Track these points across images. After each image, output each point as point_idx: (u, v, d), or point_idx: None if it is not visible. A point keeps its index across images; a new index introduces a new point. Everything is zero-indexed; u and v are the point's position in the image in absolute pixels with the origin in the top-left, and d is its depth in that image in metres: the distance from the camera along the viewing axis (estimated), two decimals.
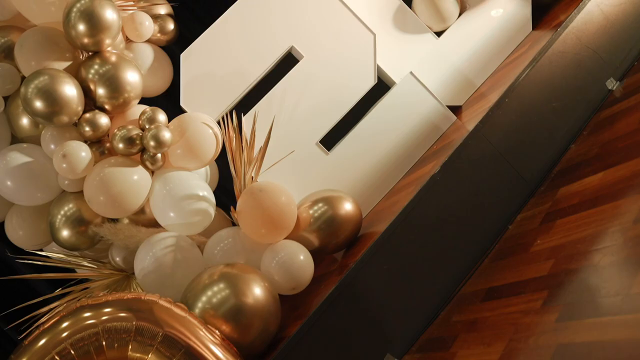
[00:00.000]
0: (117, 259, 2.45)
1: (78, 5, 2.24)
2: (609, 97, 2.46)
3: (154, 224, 2.39)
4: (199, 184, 2.36)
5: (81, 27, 2.24)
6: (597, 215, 1.80)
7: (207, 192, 2.36)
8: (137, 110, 2.44)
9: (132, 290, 2.39)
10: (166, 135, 2.29)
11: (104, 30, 2.28)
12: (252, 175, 2.44)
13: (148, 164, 2.32)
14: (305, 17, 2.63)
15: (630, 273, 1.49)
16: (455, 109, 2.85)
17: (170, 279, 2.23)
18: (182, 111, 2.58)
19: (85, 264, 2.45)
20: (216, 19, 2.63)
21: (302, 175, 2.59)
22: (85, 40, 2.27)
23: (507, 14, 2.91)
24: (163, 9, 2.71)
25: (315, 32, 2.64)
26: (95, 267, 2.45)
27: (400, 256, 2.14)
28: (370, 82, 2.66)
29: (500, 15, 2.91)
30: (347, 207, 2.37)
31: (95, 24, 2.25)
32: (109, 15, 2.28)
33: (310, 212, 2.35)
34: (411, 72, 2.69)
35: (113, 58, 2.35)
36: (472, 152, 2.27)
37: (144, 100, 2.69)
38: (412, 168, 2.62)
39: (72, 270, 2.47)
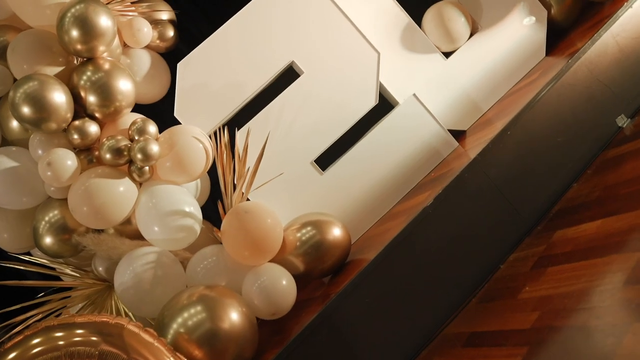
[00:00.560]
0: (100, 268, 2.41)
1: (72, 10, 2.19)
2: (619, 134, 2.35)
3: (140, 236, 2.34)
4: (186, 199, 2.31)
5: (74, 33, 2.19)
6: (588, 269, 1.70)
7: (194, 208, 2.31)
8: (129, 118, 2.39)
9: (112, 302, 2.35)
10: (154, 148, 2.24)
11: (97, 37, 2.23)
12: (243, 191, 2.39)
13: (135, 176, 2.28)
14: (308, 31, 2.55)
15: (613, 342, 1.40)
16: (459, 134, 2.75)
17: (148, 295, 2.19)
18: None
19: (68, 271, 2.41)
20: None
21: (294, 194, 2.52)
22: (79, 47, 2.22)
23: (520, 38, 2.80)
24: (165, 15, 2.65)
25: (317, 48, 2.56)
26: (78, 275, 2.42)
27: (384, 290, 2.06)
28: (371, 102, 2.58)
29: (513, 38, 2.80)
30: (336, 232, 2.30)
31: (88, 31, 2.20)
32: (104, 22, 2.23)
33: (298, 235, 2.28)
34: (414, 95, 2.60)
35: (106, 65, 2.30)
36: (468, 185, 2.18)
37: (142, 107, 2.65)
38: (408, 194, 2.53)
39: (57, 278, 2.44)
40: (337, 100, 2.56)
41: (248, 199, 2.44)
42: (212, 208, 2.55)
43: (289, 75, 2.58)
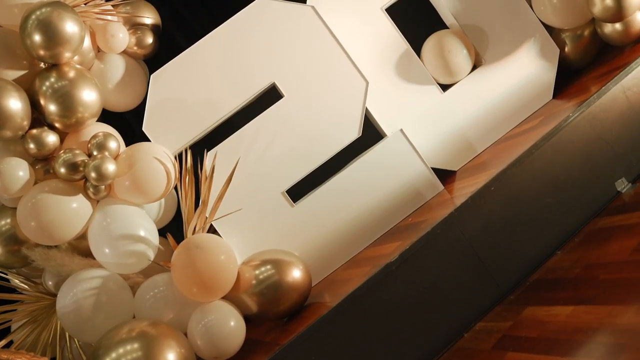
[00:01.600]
0: (50, 283, 2.31)
1: (37, 13, 2.05)
2: (616, 200, 2.14)
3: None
4: (142, 222, 2.18)
5: (37, 38, 2.06)
6: None
7: (149, 233, 2.18)
8: (95, 129, 2.26)
9: (56, 319, 2.24)
10: (109, 168, 2.10)
11: (62, 44, 2.09)
12: (207, 215, 2.25)
13: (90, 193, 2.15)
14: (293, 52, 2.38)
15: None
16: (449, 174, 2.57)
17: (88, 322, 2.08)
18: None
19: (17, 282, 2.32)
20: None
21: (261, 225, 2.37)
22: (42, 52, 2.09)
23: (527, 76, 2.59)
24: (149, 20, 2.50)
25: (301, 71, 2.38)
26: (27, 287, 2.32)
27: (333, 349, 1.91)
28: (353, 134, 2.40)
29: (519, 76, 2.58)
30: (296, 274, 2.15)
31: (52, 36, 2.07)
32: (69, 28, 2.09)
33: (256, 272, 2.14)
34: (401, 130, 2.42)
35: (71, 73, 2.17)
36: (439, 242, 2.00)
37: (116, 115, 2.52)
38: (381, 239, 2.36)
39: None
40: (317, 129, 2.39)
41: (211, 226, 2.31)
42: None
43: (271, 97, 2.42)
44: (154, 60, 2.58)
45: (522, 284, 2.01)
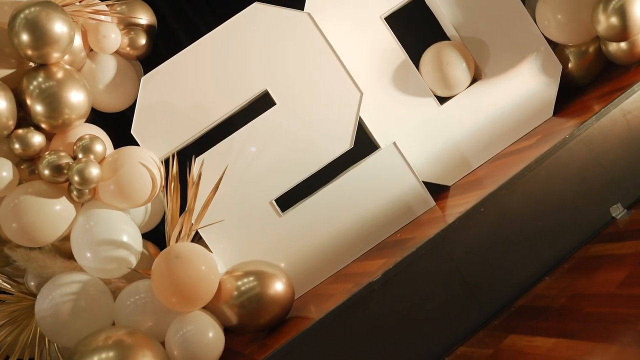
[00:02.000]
0: (32, 283, 2.29)
1: (26, 12, 2.02)
2: (610, 226, 2.08)
3: None
4: (125, 228, 2.16)
5: (25, 38, 2.03)
6: None
7: (132, 239, 2.15)
8: (82, 130, 2.23)
9: (35, 322, 2.23)
10: (93, 172, 2.07)
11: (50, 44, 2.06)
12: (193, 222, 2.22)
13: (74, 196, 2.13)
14: (287, 59, 2.33)
15: None
16: (442, 189, 2.51)
17: (65, 327, 2.06)
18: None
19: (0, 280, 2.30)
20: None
21: (248, 233, 2.33)
22: (29, 52, 2.07)
23: (527, 92, 2.52)
24: (144, 20, 2.46)
25: (294, 79, 2.34)
26: (9, 286, 2.30)
27: None
28: (345, 146, 2.35)
29: (519, 92, 2.52)
30: (278, 287, 2.11)
31: (40, 36, 2.04)
32: (58, 28, 2.06)
33: (238, 283, 2.11)
34: (394, 143, 2.37)
35: (59, 74, 2.14)
36: (425, 263, 1.95)
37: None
38: (368, 253, 2.32)
39: None
40: (308, 139, 2.34)
41: (197, 232, 2.28)
42: None
43: (263, 104, 2.37)
44: (156, 59, 2.54)
45: (507, 309, 1.96)
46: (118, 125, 2.52)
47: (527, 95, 2.52)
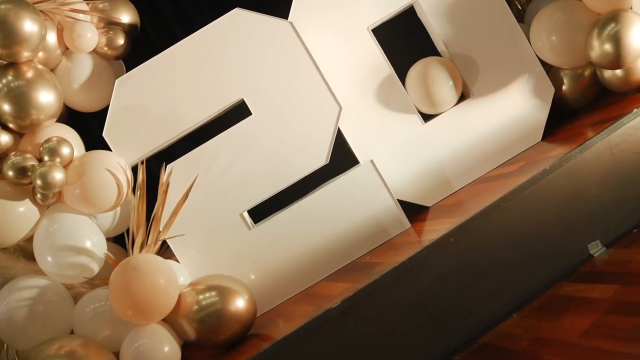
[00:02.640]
0: None
1: None
2: (586, 264, 1.99)
3: None
4: (89, 234, 2.12)
5: None
6: None
7: (96, 246, 2.11)
8: (53, 130, 2.19)
9: None
10: (56, 176, 2.03)
11: (19, 43, 2.01)
12: (160, 229, 2.18)
13: (38, 199, 2.09)
14: (264, 69, 2.26)
15: None
16: (421, 209, 2.43)
17: (21, 333, 2.03)
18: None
19: None
20: None
21: (216, 245, 2.28)
22: None
23: (516, 115, 2.43)
24: (126, 19, 2.39)
25: (271, 89, 2.26)
26: None
27: None
28: (320, 161, 2.28)
29: (508, 114, 2.42)
30: (240, 304, 2.06)
31: (8, 35, 1.99)
32: (28, 27, 2.01)
33: (199, 297, 2.06)
34: (372, 161, 2.29)
35: (29, 73, 2.09)
36: (387, 291, 1.88)
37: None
38: (336, 274, 2.25)
39: None
40: (283, 152, 2.27)
41: (165, 241, 2.23)
42: None
43: (239, 113, 2.31)
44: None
45: (470, 344, 1.89)
46: (98, 126, 2.48)
47: (516, 117, 2.42)
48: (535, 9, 2.55)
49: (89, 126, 2.57)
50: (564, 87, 2.47)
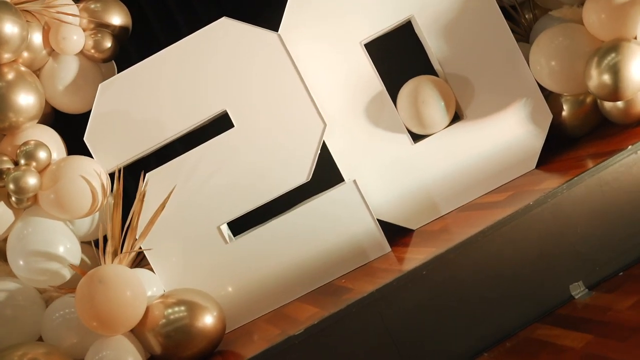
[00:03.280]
0: None
1: None
2: (566, 305, 1.90)
3: None
4: (63, 240, 2.10)
5: None
6: None
7: (69, 253, 2.10)
8: (33, 132, 2.18)
9: None
10: (30, 182, 2.02)
11: (0, 45, 2.00)
12: (137, 237, 2.15)
13: (12, 202, 2.08)
14: (249, 81, 2.20)
15: None
16: (405, 232, 2.36)
17: None
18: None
19: None
20: None
21: (192, 258, 2.24)
22: None
23: (510, 140, 2.33)
24: (118, 21, 2.36)
25: (255, 102, 2.21)
26: None
27: None
28: (302, 178, 2.22)
29: (501, 139, 2.33)
30: (208, 321, 2.03)
31: None
32: (8, 29, 1.99)
33: (167, 312, 2.03)
34: (354, 181, 2.23)
35: (10, 75, 2.08)
36: (354, 321, 1.83)
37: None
38: (309, 295, 2.20)
39: None
40: (264, 167, 2.22)
41: (141, 249, 2.21)
42: None
43: (221, 125, 2.26)
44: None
45: None
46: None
47: (510, 143, 2.33)
48: (541, 29, 2.45)
49: (80, 127, 2.55)
50: (563, 114, 2.36)
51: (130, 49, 2.59)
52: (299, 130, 2.21)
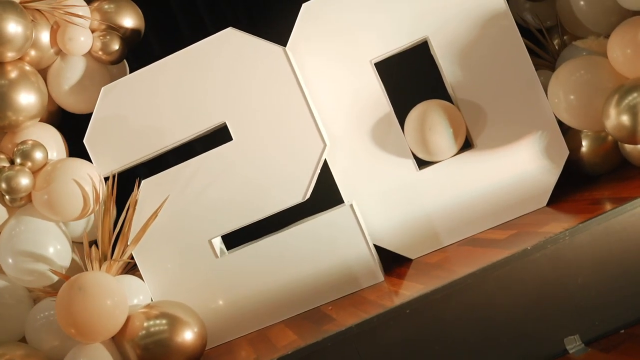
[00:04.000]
0: None
1: None
2: None
3: None
4: (53, 242, 2.10)
5: None
6: None
7: (58, 255, 2.09)
8: (35, 131, 2.18)
9: None
10: (22, 182, 2.02)
11: (2, 44, 2.01)
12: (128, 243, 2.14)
13: (6, 201, 2.08)
14: (251, 94, 2.15)
15: None
16: (403, 261, 2.27)
17: None
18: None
19: None
20: None
21: (181, 269, 2.21)
22: None
23: (521, 175, 2.20)
24: (130, 23, 2.34)
25: (256, 116, 2.16)
26: None
27: None
28: (298, 198, 2.16)
29: (511, 173, 2.21)
30: (187, 337, 2.00)
31: None
32: (11, 28, 2.00)
33: (147, 323, 2.00)
34: (351, 205, 2.15)
35: (13, 74, 2.09)
36: (329, 354, 1.75)
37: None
38: (293, 319, 2.13)
39: None
40: (260, 184, 2.16)
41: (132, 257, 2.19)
42: None
43: (220, 137, 2.22)
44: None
45: None
46: None
47: (521, 178, 2.20)
48: (568, 57, 2.31)
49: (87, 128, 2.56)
50: (582, 150, 2.22)
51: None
52: (298, 148, 2.14)
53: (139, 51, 2.50)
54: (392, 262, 2.29)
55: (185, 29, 2.73)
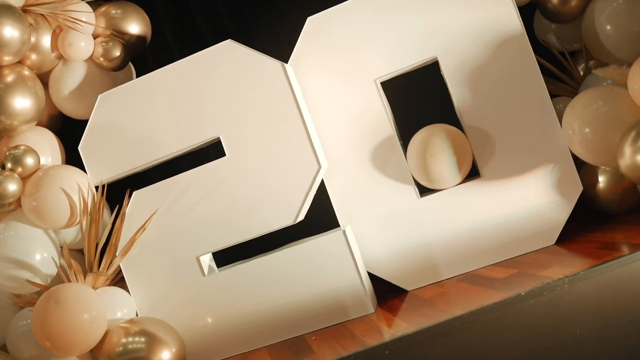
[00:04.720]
0: None
1: None
2: None
3: None
4: (40, 249, 2.07)
5: None
6: None
7: (43, 263, 2.06)
8: (30, 135, 2.16)
9: None
10: (9, 188, 2.00)
11: None
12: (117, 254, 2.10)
13: None
14: (246, 110, 2.07)
15: None
16: (398, 292, 2.15)
17: None
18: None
19: None
20: None
21: (168, 285, 2.14)
22: None
23: (529, 210, 2.06)
24: (135, 29, 2.30)
25: (250, 133, 2.07)
26: None
27: None
28: (289, 220, 2.06)
29: (518, 207, 2.06)
30: (165, 357, 1.94)
31: None
32: (7, 32, 1.97)
33: (125, 340, 1.95)
34: (344, 231, 2.04)
35: (9, 78, 2.06)
36: None
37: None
38: (275, 346, 2.04)
39: None
40: (251, 203, 2.08)
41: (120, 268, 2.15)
42: None
43: (213, 152, 2.15)
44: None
45: None
46: None
47: (529, 212, 2.05)
48: (591, 85, 2.15)
49: None
50: (598, 186, 2.06)
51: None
52: (292, 169, 2.05)
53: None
54: (386, 292, 2.18)
55: (206, 32, 2.66)
